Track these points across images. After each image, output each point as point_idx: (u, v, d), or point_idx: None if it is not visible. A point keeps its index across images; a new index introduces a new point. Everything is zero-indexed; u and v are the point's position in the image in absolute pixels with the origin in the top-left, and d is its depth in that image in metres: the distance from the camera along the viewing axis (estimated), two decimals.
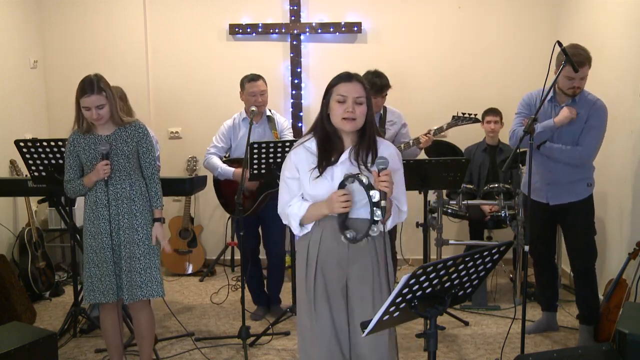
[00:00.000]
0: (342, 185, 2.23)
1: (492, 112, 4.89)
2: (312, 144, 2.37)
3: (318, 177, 2.30)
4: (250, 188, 4.02)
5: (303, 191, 2.35)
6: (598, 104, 3.57)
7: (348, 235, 2.23)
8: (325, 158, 2.31)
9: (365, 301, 2.34)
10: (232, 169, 4.09)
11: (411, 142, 4.07)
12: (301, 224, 2.35)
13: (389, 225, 2.30)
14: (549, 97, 3.60)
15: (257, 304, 4.38)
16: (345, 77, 2.31)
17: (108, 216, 2.98)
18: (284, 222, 2.42)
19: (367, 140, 2.32)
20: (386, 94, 4.04)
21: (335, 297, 2.34)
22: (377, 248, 2.33)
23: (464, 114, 4.08)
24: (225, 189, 4.21)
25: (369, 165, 2.30)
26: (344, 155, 2.32)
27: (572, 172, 3.62)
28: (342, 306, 2.35)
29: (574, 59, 3.38)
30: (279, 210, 2.42)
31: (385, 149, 2.37)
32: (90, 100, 2.89)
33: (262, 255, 4.40)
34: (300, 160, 2.36)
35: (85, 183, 3.00)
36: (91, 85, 2.89)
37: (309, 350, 2.36)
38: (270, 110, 4.26)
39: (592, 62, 3.51)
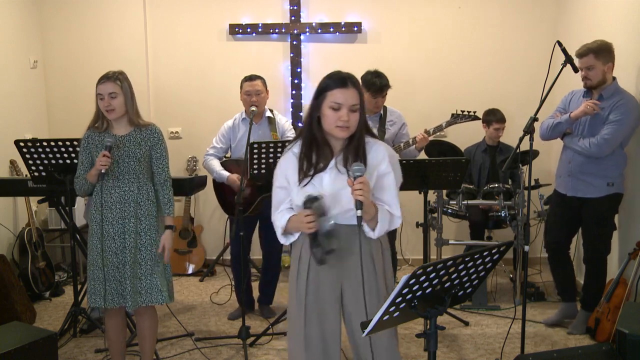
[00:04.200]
0: (306, 206, 2.15)
1: (499, 119, 4.83)
2: (298, 149, 2.29)
3: (306, 185, 2.23)
4: (244, 195, 4.00)
5: (292, 200, 2.28)
6: (623, 100, 3.64)
7: (316, 255, 2.17)
8: (311, 165, 2.23)
9: (361, 307, 2.29)
10: (226, 174, 4.09)
11: (410, 141, 4.07)
12: (289, 233, 2.30)
13: (378, 231, 2.22)
14: (582, 92, 3.81)
15: (239, 303, 4.32)
16: (341, 83, 2.17)
17: (113, 219, 2.96)
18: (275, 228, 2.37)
19: (354, 145, 2.21)
20: (386, 94, 4.04)
21: (329, 305, 2.30)
22: (373, 255, 2.28)
23: (462, 111, 4.09)
24: (223, 190, 4.21)
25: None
26: (333, 162, 2.24)
27: (590, 166, 3.73)
28: (337, 315, 2.31)
29: (576, 51, 3.59)
30: (272, 217, 2.37)
31: (376, 151, 2.25)
32: (105, 87, 2.91)
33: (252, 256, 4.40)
34: (289, 169, 2.28)
35: (88, 178, 2.98)
36: (108, 74, 2.94)
37: (297, 354, 2.32)
38: (271, 111, 4.25)
39: (603, 53, 3.63)
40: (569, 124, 3.75)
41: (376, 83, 3.92)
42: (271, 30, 5.48)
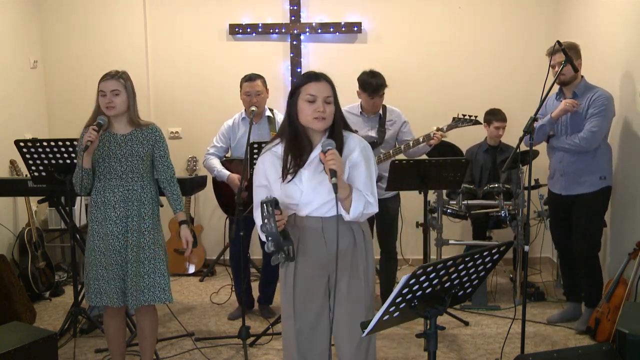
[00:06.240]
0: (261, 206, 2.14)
1: (501, 118, 4.82)
2: (279, 149, 2.34)
3: (289, 181, 2.28)
4: (243, 196, 4.00)
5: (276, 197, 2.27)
6: (597, 94, 3.73)
7: (279, 257, 2.18)
8: (294, 161, 2.28)
9: (348, 296, 2.35)
10: (227, 173, 4.08)
11: (421, 139, 4.00)
12: None
13: (352, 212, 2.24)
14: (554, 96, 3.90)
15: (239, 303, 4.30)
16: (314, 77, 2.30)
17: (116, 218, 2.96)
18: None
19: (333, 139, 2.26)
20: (383, 94, 4.01)
21: (317, 297, 2.34)
22: (355, 239, 2.33)
23: (464, 115, 4.07)
24: (222, 190, 4.21)
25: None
26: (311, 156, 2.29)
27: (581, 163, 3.77)
28: (325, 305, 2.35)
29: (548, 50, 3.68)
30: (254, 215, 2.40)
31: (348, 143, 2.32)
32: (108, 84, 2.93)
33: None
34: (268, 167, 2.34)
35: (79, 162, 2.94)
36: (111, 72, 2.97)
37: (287, 343, 2.41)
38: (272, 111, 4.24)
39: (573, 50, 3.67)
40: (551, 125, 3.81)
41: (372, 83, 3.89)
42: (271, 30, 5.48)
